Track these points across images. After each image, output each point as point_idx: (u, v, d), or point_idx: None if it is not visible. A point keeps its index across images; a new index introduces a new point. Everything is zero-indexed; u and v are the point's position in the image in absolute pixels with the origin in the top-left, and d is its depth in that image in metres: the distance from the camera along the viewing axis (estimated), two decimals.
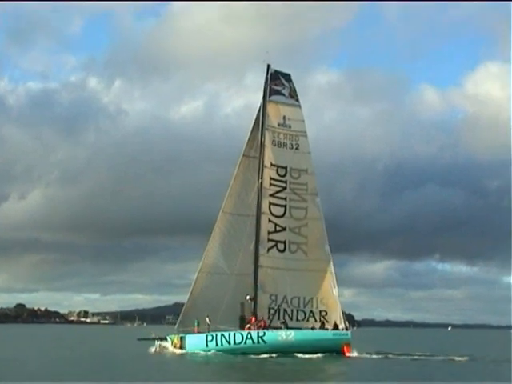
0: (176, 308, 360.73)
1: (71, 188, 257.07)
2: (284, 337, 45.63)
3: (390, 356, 45.39)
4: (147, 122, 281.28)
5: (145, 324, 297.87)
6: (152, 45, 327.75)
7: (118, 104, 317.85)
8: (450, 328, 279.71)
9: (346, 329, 47.42)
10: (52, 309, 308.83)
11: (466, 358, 44.37)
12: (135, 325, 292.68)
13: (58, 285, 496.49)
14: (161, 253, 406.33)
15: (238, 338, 45.45)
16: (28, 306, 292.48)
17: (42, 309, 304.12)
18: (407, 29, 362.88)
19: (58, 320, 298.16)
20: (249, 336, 45.45)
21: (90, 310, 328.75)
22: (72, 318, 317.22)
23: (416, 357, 45.52)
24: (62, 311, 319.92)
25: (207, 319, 45.87)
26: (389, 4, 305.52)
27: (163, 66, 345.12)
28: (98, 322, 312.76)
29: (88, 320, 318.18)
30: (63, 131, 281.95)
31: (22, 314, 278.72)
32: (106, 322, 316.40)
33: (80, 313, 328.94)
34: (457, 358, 44.18)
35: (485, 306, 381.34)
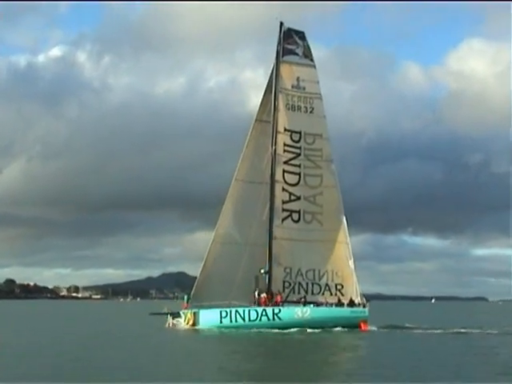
0: (149, 282, 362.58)
1: (52, 163, 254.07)
2: (300, 314, 43.12)
3: (419, 330, 43.32)
4: (131, 97, 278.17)
5: (138, 299, 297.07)
6: (144, 21, 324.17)
7: (103, 79, 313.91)
8: (433, 300, 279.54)
9: (364, 305, 44.72)
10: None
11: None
12: (128, 300, 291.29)
13: (31, 260, 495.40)
14: (136, 227, 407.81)
15: (253, 315, 42.80)
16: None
17: (32, 284, 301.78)
18: (395, 8, 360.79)
19: (48, 295, 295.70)
20: (264, 313, 42.81)
21: (61, 285, 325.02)
22: (63, 293, 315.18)
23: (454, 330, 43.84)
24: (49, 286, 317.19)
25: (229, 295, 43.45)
26: None
27: (154, 42, 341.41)
28: (90, 297, 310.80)
29: (79, 295, 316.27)
30: (45, 106, 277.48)
31: (13, 290, 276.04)
32: (98, 297, 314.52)
33: (70, 288, 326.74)
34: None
35: (453, 279, 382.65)
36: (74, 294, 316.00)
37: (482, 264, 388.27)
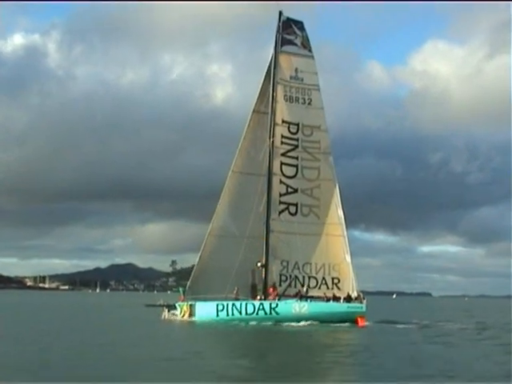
0: (97, 273, 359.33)
1: (10, 151, 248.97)
2: (297, 309, 42.53)
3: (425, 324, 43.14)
4: (95, 86, 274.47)
5: (108, 290, 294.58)
6: (118, 12, 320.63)
7: (68, 68, 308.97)
8: (394, 296, 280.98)
9: (359, 297, 44.34)
10: None
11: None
12: (97, 290, 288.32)
13: None
14: (88, 218, 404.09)
15: (250, 309, 42.18)
16: None
17: None
18: (366, 9, 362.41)
19: (14, 286, 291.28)
20: (261, 307, 42.23)
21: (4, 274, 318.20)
22: (30, 284, 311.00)
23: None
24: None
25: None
26: None
27: (127, 33, 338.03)
28: (57, 288, 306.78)
29: (46, 285, 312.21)
30: (6, 93, 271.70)
31: None
32: (66, 287, 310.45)
33: (37, 278, 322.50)
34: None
35: (399, 274, 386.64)
36: (41, 285, 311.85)
37: (427, 260, 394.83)
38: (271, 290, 43.59)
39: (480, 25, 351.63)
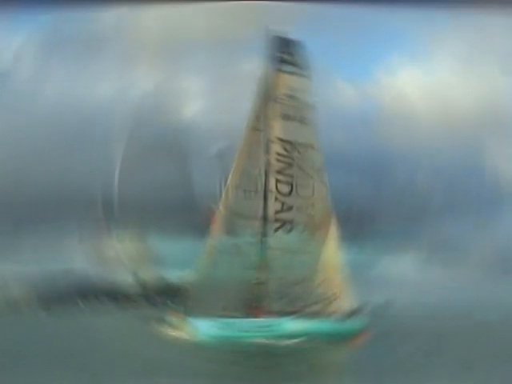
0: None
1: None
2: (296, 326, 42.61)
3: None
4: (64, 101, 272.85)
5: None
6: (96, 26, 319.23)
7: (39, 83, 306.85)
8: None
9: (360, 317, 44.59)
10: None
11: None
12: None
13: None
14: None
15: (249, 326, 42.12)
16: None
17: None
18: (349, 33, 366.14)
19: None
20: (260, 324, 42.18)
21: None
22: None
23: None
24: None
25: (223, 307, 42.71)
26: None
27: (102, 46, 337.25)
28: None
29: None
30: None
31: None
32: None
33: None
34: None
35: None
36: None
37: None
38: (260, 309, 43.64)
39: None
